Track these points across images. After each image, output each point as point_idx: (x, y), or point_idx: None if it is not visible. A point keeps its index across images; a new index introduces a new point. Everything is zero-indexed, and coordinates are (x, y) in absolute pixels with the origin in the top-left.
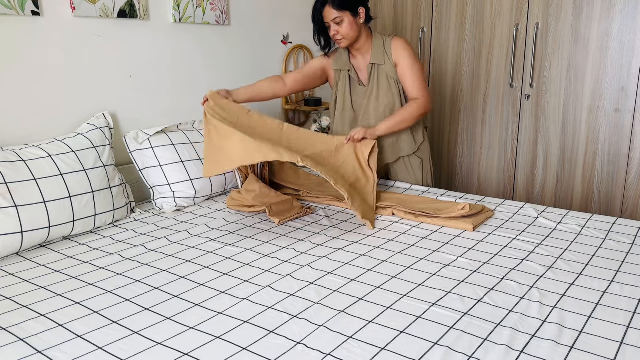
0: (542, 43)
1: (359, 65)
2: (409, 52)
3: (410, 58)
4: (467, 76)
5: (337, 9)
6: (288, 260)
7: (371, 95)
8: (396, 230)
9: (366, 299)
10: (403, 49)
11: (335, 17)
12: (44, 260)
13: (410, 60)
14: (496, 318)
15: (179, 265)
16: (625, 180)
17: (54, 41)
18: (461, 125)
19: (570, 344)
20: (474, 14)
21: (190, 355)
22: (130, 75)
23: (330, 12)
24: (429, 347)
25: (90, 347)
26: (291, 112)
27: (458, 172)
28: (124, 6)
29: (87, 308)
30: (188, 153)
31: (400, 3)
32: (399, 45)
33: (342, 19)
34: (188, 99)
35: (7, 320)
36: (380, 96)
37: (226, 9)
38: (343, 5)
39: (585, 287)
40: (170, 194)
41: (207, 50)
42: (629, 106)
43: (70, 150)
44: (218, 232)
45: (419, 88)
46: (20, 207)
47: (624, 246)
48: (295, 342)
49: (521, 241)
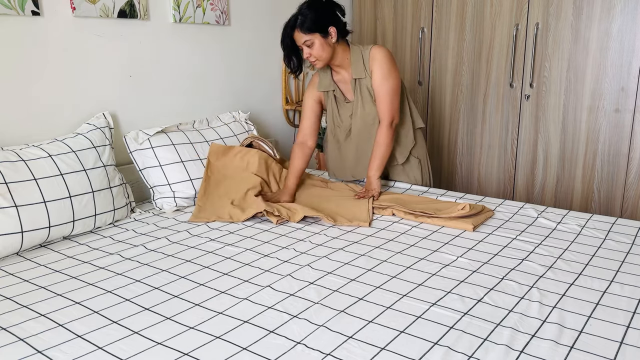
0: (542, 43)
1: (344, 81)
2: (382, 63)
3: (382, 70)
4: (467, 76)
5: (305, 33)
6: (288, 260)
7: (357, 109)
8: (396, 230)
9: (366, 299)
10: (378, 60)
11: (305, 40)
12: (44, 260)
13: (383, 71)
14: (496, 318)
15: (179, 265)
16: (625, 180)
17: (54, 41)
18: (461, 125)
19: (570, 344)
20: (474, 14)
21: (190, 355)
22: (130, 75)
23: (300, 36)
24: (429, 347)
25: (90, 347)
26: (291, 112)
27: (458, 172)
28: (124, 6)
29: (87, 308)
30: (188, 153)
31: (400, 3)
32: (375, 55)
33: (313, 42)
34: (188, 99)
35: (7, 320)
36: (365, 107)
37: (226, 9)
38: (312, 29)
39: (585, 287)
40: (170, 194)
41: (207, 50)
42: (629, 106)
43: (70, 150)
44: (218, 232)
45: (385, 107)
46: (20, 207)
47: (623, 246)
48: (295, 342)
49: (521, 241)
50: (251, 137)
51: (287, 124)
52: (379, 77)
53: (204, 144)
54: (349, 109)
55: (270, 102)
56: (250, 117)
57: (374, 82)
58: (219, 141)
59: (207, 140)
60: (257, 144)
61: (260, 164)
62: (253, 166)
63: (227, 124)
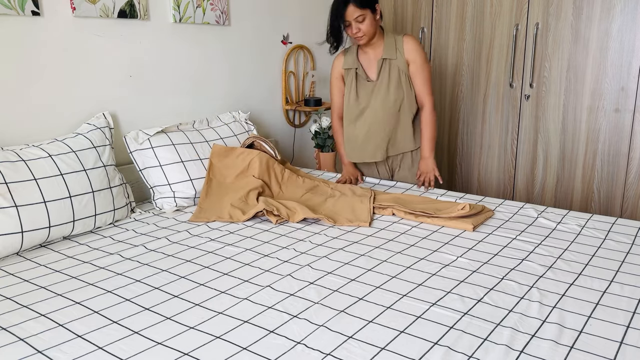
0: (542, 43)
1: (369, 60)
2: (420, 53)
3: (421, 58)
4: (467, 76)
5: (359, 7)
6: (288, 260)
7: (379, 90)
8: (396, 230)
9: (366, 299)
10: (415, 49)
11: (358, 15)
12: (44, 260)
13: (422, 60)
14: (496, 318)
15: (179, 265)
16: (625, 180)
17: (54, 41)
18: (461, 125)
19: (570, 344)
20: (474, 14)
21: (190, 355)
22: (130, 75)
23: (354, 11)
24: (429, 347)
25: (90, 347)
26: (291, 112)
27: (458, 172)
28: (124, 6)
29: (87, 308)
30: (188, 153)
31: (400, 3)
32: (411, 43)
33: (364, 17)
34: (188, 99)
35: (7, 320)
36: (390, 90)
37: (226, 9)
38: (364, 4)
39: (585, 287)
40: (170, 194)
41: (207, 50)
42: (629, 106)
43: (71, 150)
44: (218, 232)
45: (426, 91)
46: (20, 207)
47: (623, 246)
48: (295, 342)
49: (521, 241)
50: (252, 137)
51: (287, 124)
52: (419, 61)
53: (204, 144)
54: (370, 88)
55: (270, 102)
56: (250, 117)
57: (415, 67)
58: (219, 141)
59: (207, 140)
60: (258, 144)
61: (262, 165)
62: (255, 167)
63: (227, 124)
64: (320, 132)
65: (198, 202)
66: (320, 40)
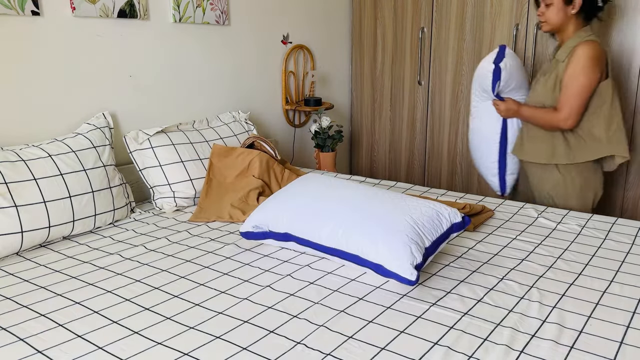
0: (542, 43)
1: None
2: (579, 62)
3: (576, 67)
4: (467, 76)
5: None
6: (288, 260)
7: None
8: None
9: (366, 299)
10: (577, 56)
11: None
12: (44, 260)
13: (576, 70)
14: (496, 318)
15: (179, 265)
16: (625, 180)
17: (54, 41)
18: (461, 125)
19: (570, 344)
20: (474, 14)
21: (190, 355)
22: (130, 75)
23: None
24: (429, 347)
25: (90, 347)
26: (291, 112)
27: (458, 172)
28: (124, 6)
29: (87, 308)
30: (188, 153)
31: (400, 3)
32: (578, 50)
33: (552, 2)
34: (188, 99)
35: (7, 320)
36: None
37: (226, 9)
38: None
39: (585, 287)
40: (170, 194)
41: (207, 50)
42: (629, 106)
43: (70, 150)
44: (218, 232)
45: (565, 101)
46: (20, 207)
47: (623, 246)
48: (295, 342)
49: (521, 241)
50: (252, 137)
51: (287, 124)
52: (571, 72)
53: (204, 144)
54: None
55: (270, 102)
56: (250, 117)
57: (565, 75)
58: (219, 141)
59: (207, 140)
60: (258, 144)
61: (262, 165)
62: (255, 167)
63: (227, 124)
64: (320, 132)
65: (198, 202)
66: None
